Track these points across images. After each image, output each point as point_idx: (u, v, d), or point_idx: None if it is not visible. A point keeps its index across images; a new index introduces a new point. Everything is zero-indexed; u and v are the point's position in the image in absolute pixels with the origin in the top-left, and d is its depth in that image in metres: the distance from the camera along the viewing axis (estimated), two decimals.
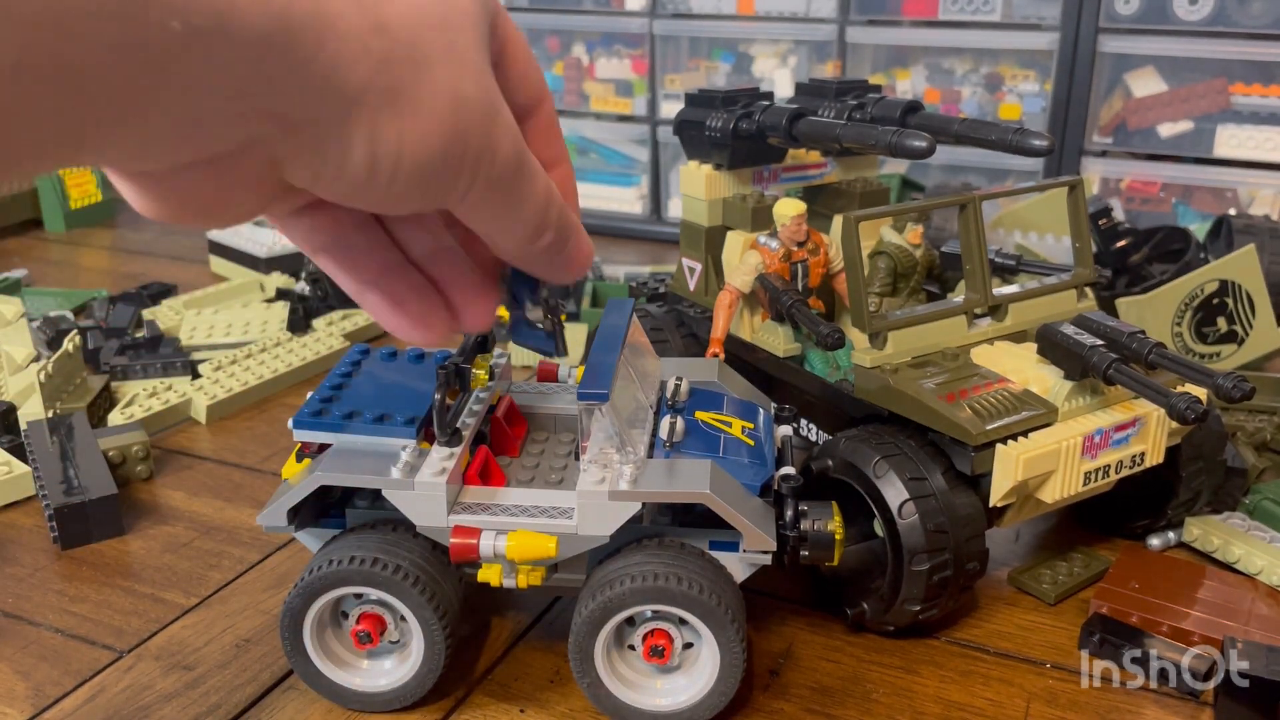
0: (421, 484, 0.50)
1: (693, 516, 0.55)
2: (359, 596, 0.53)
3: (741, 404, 0.61)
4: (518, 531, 0.50)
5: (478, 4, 0.37)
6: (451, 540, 0.50)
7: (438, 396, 0.51)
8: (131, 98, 0.24)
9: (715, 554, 0.53)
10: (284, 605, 0.52)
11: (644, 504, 0.51)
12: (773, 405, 0.63)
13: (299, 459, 0.54)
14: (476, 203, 0.39)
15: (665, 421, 0.54)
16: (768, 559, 0.52)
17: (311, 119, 0.30)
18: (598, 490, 0.50)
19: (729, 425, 0.57)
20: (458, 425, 0.54)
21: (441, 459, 0.51)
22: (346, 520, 0.56)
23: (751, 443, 0.56)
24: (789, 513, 0.52)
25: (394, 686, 0.54)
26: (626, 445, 0.51)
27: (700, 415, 0.57)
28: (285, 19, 0.28)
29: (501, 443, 0.58)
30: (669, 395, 0.59)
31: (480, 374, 0.58)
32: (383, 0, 0.31)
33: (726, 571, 0.52)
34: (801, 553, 0.52)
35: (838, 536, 0.52)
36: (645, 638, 0.52)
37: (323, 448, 0.54)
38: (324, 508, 0.56)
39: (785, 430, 0.60)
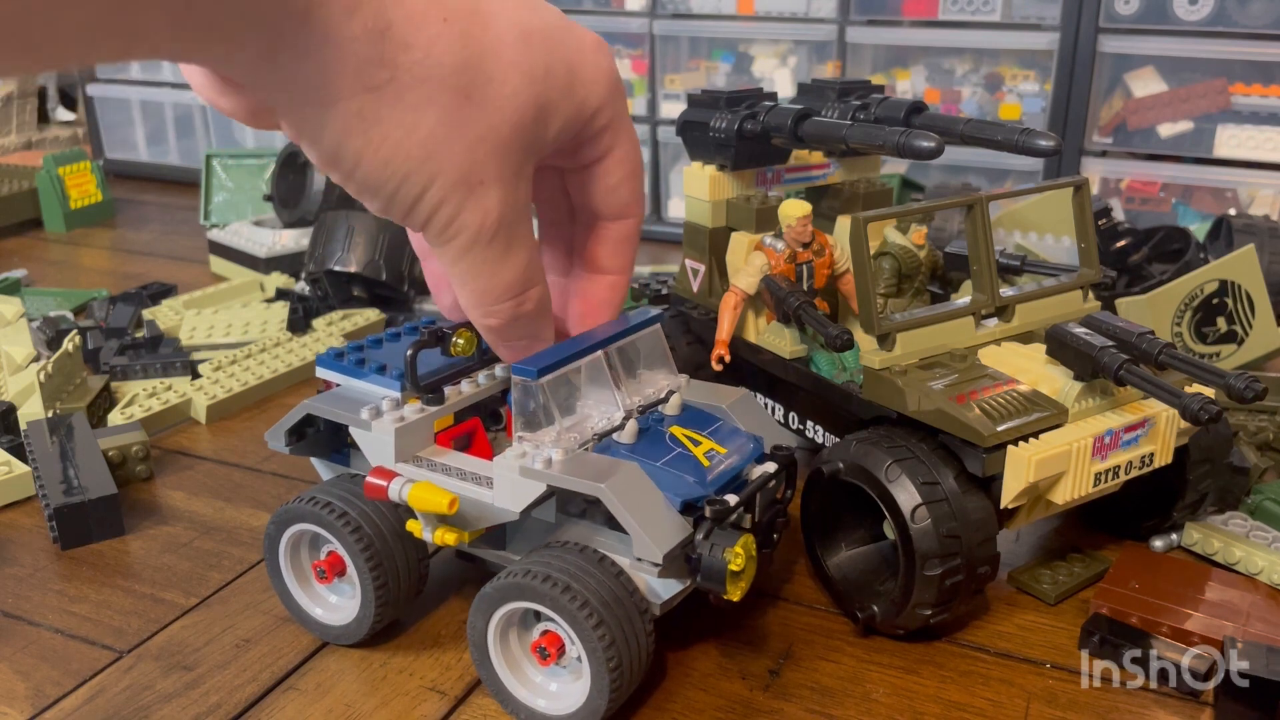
0: (378, 427, 0.54)
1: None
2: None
3: (734, 432, 0.57)
4: (423, 483, 0.52)
5: (528, 122, 0.43)
6: (368, 479, 0.53)
7: (410, 353, 0.54)
8: None
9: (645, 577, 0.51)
10: (268, 522, 0.58)
11: (555, 491, 0.52)
12: (789, 441, 0.60)
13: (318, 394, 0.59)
14: (433, 244, 0.45)
15: (628, 424, 0.54)
16: (654, 570, 0.50)
17: (298, 102, 0.38)
18: (511, 464, 0.51)
19: (696, 445, 0.55)
20: (444, 387, 0.56)
21: (411, 412, 0.55)
22: (349, 459, 0.61)
23: (707, 463, 0.54)
24: (699, 535, 0.49)
25: (334, 623, 0.59)
26: (559, 429, 0.52)
27: (676, 430, 0.55)
28: (306, 19, 0.34)
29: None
30: (656, 403, 0.58)
31: (462, 343, 0.56)
32: (396, 53, 0.37)
33: (634, 597, 0.50)
34: (697, 578, 0.50)
35: (731, 568, 0.48)
36: (542, 634, 0.52)
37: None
38: (339, 444, 0.61)
39: (767, 468, 0.56)
